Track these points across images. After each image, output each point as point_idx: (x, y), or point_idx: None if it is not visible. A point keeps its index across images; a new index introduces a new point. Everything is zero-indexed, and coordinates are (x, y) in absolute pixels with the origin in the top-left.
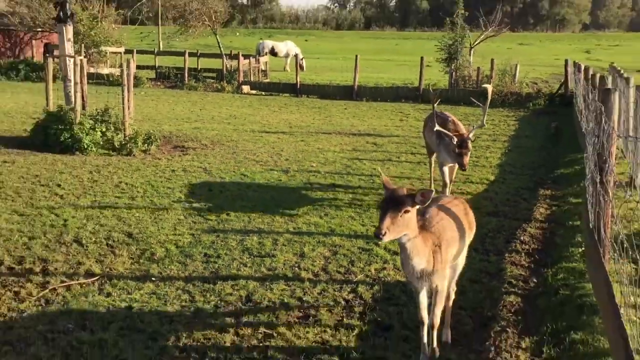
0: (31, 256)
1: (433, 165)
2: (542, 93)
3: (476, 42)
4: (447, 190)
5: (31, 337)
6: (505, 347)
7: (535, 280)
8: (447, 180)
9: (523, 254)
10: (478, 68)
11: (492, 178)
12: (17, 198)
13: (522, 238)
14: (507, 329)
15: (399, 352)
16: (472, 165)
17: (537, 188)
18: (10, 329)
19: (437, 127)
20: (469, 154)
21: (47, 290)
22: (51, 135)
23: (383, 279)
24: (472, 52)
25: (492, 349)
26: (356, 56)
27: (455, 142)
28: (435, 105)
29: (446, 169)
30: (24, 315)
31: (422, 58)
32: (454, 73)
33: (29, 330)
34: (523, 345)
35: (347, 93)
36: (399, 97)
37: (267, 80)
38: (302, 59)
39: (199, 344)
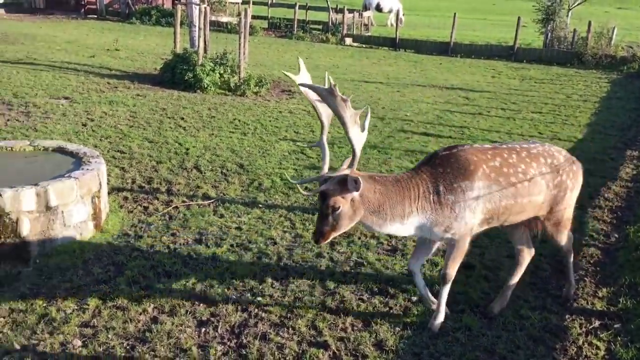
0: (158, 178)
1: None
2: (637, 57)
3: (574, 4)
4: None
5: (157, 246)
6: (582, 294)
7: (616, 235)
8: None
9: (606, 210)
10: (574, 30)
11: (580, 137)
12: (147, 127)
13: (606, 195)
14: (585, 278)
15: (479, 289)
16: (561, 124)
17: (625, 149)
18: (140, 237)
19: None
20: None
21: (170, 208)
22: (177, 74)
23: None
24: (569, 14)
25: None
26: (454, 14)
27: None
28: None
29: None
30: (151, 227)
31: (519, 18)
32: (549, 34)
33: (155, 239)
34: (600, 294)
35: (443, 49)
36: (493, 55)
37: (369, 33)
38: (402, 15)
39: (297, 265)
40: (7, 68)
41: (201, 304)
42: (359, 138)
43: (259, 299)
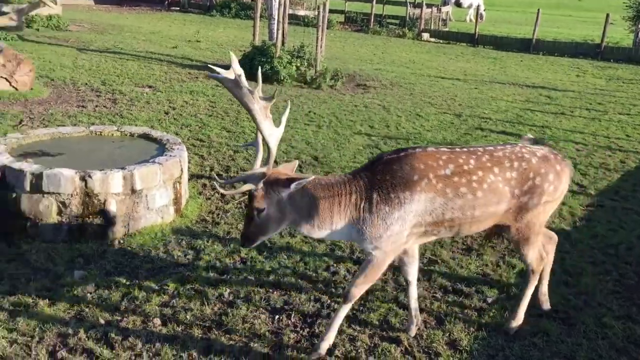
0: (235, 166)
1: None
2: None
3: None
4: None
5: (233, 233)
6: None
7: None
8: None
9: None
10: None
11: None
12: (225, 117)
13: None
14: None
15: (559, 294)
16: None
17: None
18: (217, 224)
19: None
20: None
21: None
22: (255, 66)
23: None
24: None
25: None
26: (538, 10)
27: None
28: None
29: None
30: (228, 214)
31: (607, 15)
32: None
33: (232, 227)
34: None
35: (524, 46)
36: (577, 53)
37: (447, 29)
38: (483, 10)
39: None
40: (96, 56)
41: (275, 292)
42: (271, 133)
43: (332, 290)
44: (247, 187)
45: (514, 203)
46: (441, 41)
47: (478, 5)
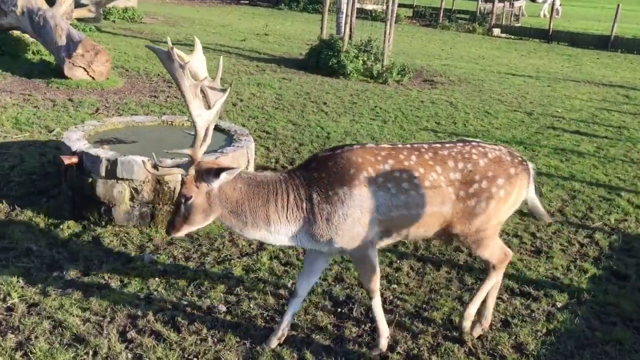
0: (300, 159)
1: None
2: None
3: None
4: None
5: None
6: None
7: None
8: None
9: None
10: None
11: None
12: (291, 110)
13: None
14: None
15: (633, 301)
16: None
17: None
18: None
19: None
20: None
21: None
22: (321, 59)
23: (623, 230)
24: None
25: None
26: (618, 5)
27: None
28: None
29: None
30: None
31: None
32: None
33: None
34: None
35: (602, 43)
36: None
37: (519, 24)
38: (559, 5)
39: (434, 257)
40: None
41: (337, 285)
42: (200, 114)
43: (394, 286)
44: (177, 171)
45: (460, 206)
46: (513, 37)
47: (553, 0)
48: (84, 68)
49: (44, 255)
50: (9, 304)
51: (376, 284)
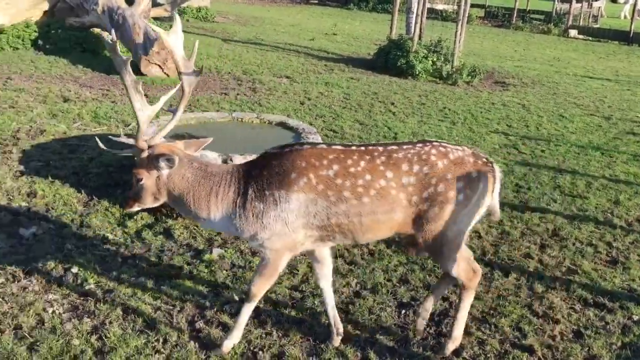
0: None
1: None
2: None
3: None
4: None
5: None
6: None
7: None
8: None
9: None
10: None
11: None
12: (359, 109)
13: None
14: None
15: None
16: None
17: None
18: None
19: None
20: None
21: None
22: (390, 59)
23: None
24: None
25: None
26: None
27: None
28: None
29: None
30: None
31: None
32: None
33: None
34: None
35: None
36: None
37: (597, 25)
38: None
39: (503, 262)
40: (238, 47)
41: (402, 287)
42: (141, 108)
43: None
44: (128, 152)
45: (412, 211)
46: (590, 38)
47: (636, 1)
48: (159, 65)
49: (119, 244)
50: (85, 289)
51: (264, 289)
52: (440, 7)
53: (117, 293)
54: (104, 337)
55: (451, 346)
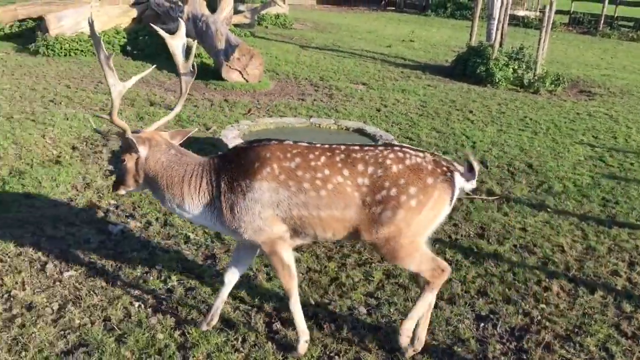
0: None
1: None
2: None
3: None
4: None
5: (440, 233)
6: None
7: None
8: None
9: None
10: None
11: None
12: (436, 117)
13: None
14: None
15: None
16: None
17: None
18: None
19: None
20: None
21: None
22: (469, 67)
23: None
24: None
25: None
26: None
27: None
28: None
29: None
30: None
31: None
32: None
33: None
34: None
35: None
36: None
37: None
38: None
39: (588, 279)
40: (316, 53)
41: (480, 299)
42: (114, 84)
43: (543, 306)
44: (115, 134)
45: (365, 213)
46: None
47: None
48: (239, 71)
49: (200, 244)
50: (169, 286)
51: (291, 283)
52: (522, 13)
53: (198, 291)
54: (186, 333)
55: (402, 340)
